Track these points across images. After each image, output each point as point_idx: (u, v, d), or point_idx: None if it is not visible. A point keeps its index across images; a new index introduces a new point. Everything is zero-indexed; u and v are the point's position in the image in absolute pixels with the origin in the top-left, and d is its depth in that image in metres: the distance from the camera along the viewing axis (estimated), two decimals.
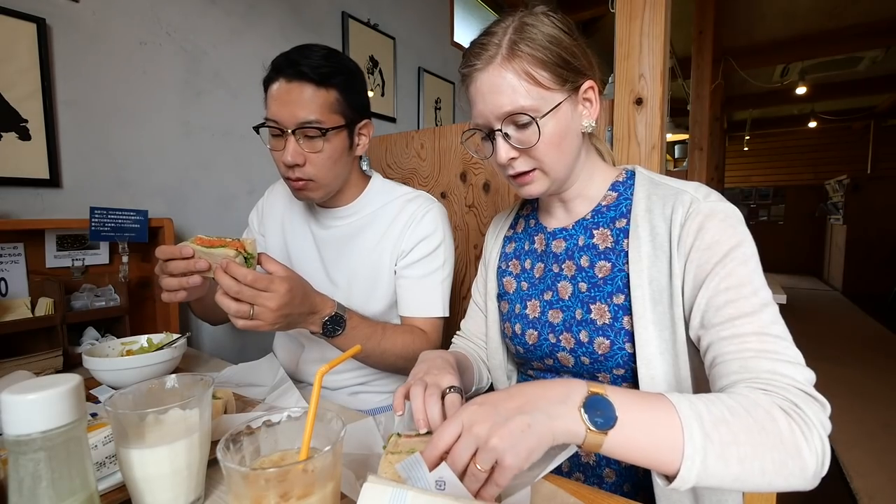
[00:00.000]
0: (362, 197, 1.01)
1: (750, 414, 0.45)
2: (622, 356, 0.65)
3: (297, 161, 0.86)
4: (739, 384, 0.51)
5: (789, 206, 8.14)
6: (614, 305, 0.66)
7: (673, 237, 0.62)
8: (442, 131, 1.42)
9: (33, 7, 1.14)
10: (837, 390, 2.95)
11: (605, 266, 0.68)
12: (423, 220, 0.97)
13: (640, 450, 0.44)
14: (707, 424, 0.44)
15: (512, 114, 0.62)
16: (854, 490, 1.94)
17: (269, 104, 0.87)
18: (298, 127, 0.84)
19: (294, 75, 0.84)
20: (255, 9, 1.68)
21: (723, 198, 0.63)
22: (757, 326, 0.53)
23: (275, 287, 0.69)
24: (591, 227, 0.72)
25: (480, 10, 3.23)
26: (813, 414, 0.47)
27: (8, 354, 0.95)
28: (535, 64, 0.61)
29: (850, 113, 7.28)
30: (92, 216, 1.09)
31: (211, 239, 0.73)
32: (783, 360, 0.51)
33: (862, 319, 4.91)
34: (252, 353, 1.62)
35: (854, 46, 4.84)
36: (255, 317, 0.69)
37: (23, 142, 1.13)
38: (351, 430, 0.66)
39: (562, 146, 0.65)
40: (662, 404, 0.45)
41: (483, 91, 0.63)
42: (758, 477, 0.44)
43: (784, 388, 0.49)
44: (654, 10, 0.97)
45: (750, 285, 0.56)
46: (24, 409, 0.36)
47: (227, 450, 0.41)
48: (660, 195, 0.66)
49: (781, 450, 0.44)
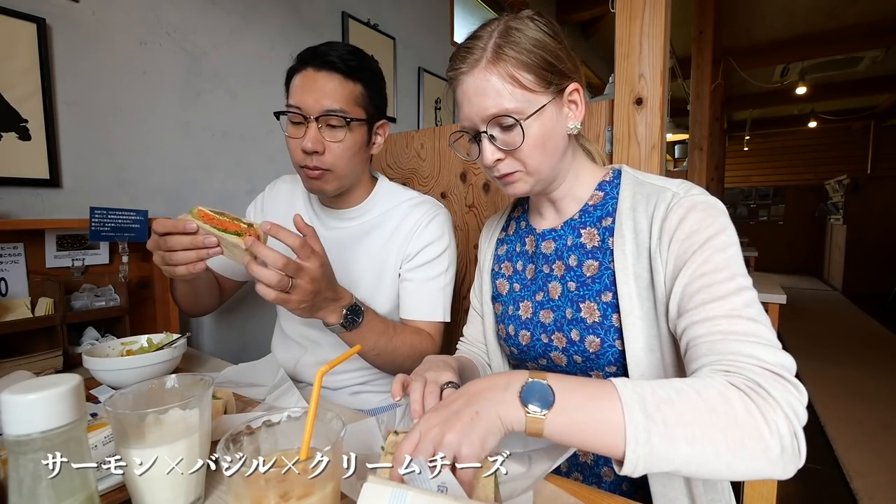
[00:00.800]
0: (369, 199, 1.01)
1: (700, 395, 0.44)
2: (613, 353, 0.65)
3: (317, 148, 0.86)
4: (704, 368, 0.50)
5: (789, 206, 8.14)
6: (603, 303, 0.67)
7: (653, 233, 0.63)
8: (442, 131, 1.42)
9: (33, 7, 1.14)
10: (837, 390, 2.95)
11: (592, 265, 0.69)
12: (429, 224, 0.97)
13: (582, 433, 0.44)
14: (650, 406, 0.43)
15: (496, 116, 0.63)
16: (854, 490, 1.94)
17: (293, 92, 0.87)
18: (323, 114, 0.85)
19: (323, 65, 0.85)
20: (255, 9, 1.68)
21: (705, 192, 0.63)
22: (728, 309, 0.52)
23: (314, 260, 0.69)
24: (578, 226, 0.72)
25: (480, 10, 3.23)
26: (778, 394, 0.44)
27: (8, 354, 0.95)
28: (520, 67, 0.62)
29: (850, 113, 7.28)
30: (92, 216, 1.09)
31: (214, 215, 0.68)
32: (752, 341, 0.49)
33: (862, 319, 4.90)
34: (252, 354, 1.62)
35: (854, 46, 4.85)
36: (293, 291, 0.68)
37: (23, 142, 1.13)
38: (351, 430, 0.66)
39: (546, 147, 0.65)
40: (605, 388, 0.46)
41: (468, 94, 0.64)
42: (713, 460, 0.42)
43: (747, 367, 0.47)
44: (654, 10, 0.97)
45: (726, 270, 0.55)
46: (24, 409, 0.36)
47: (227, 450, 0.41)
48: (644, 193, 0.67)
49: (736, 430, 0.42)
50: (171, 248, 0.68)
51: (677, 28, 4.26)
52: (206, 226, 0.67)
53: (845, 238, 6.33)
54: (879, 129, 7.45)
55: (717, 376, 0.47)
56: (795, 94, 6.15)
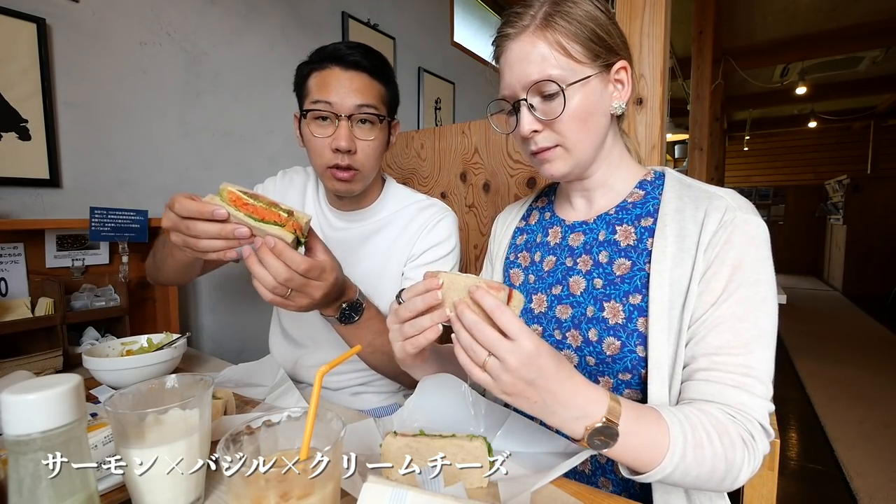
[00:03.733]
0: (378, 202, 1.00)
1: (721, 441, 0.52)
2: (632, 359, 0.62)
3: (351, 147, 0.84)
4: (712, 405, 0.56)
5: (789, 206, 8.14)
6: (630, 305, 0.63)
7: (702, 241, 0.60)
8: (442, 131, 1.42)
9: (33, 7, 1.14)
10: (837, 390, 2.95)
11: (624, 264, 0.66)
12: (436, 226, 0.97)
13: (622, 461, 0.52)
14: (689, 447, 0.51)
15: (538, 82, 0.60)
16: (854, 490, 1.94)
17: (317, 89, 0.85)
18: (356, 111, 0.84)
19: (351, 65, 0.85)
20: (256, 9, 1.68)
21: (755, 210, 0.62)
22: (746, 359, 0.56)
23: (326, 276, 0.65)
24: (613, 222, 0.69)
25: (480, 10, 3.23)
26: (762, 447, 0.54)
27: (8, 354, 0.95)
28: (569, 37, 0.60)
29: (850, 113, 7.28)
30: (92, 216, 1.09)
31: (249, 202, 0.59)
32: (757, 395, 0.55)
33: (862, 319, 4.90)
34: (252, 354, 1.62)
35: (854, 46, 4.84)
36: (292, 299, 0.65)
37: (23, 142, 1.13)
38: (351, 430, 0.66)
39: (588, 123, 0.62)
40: (661, 436, 0.51)
41: (512, 60, 0.62)
42: (691, 481, 0.52)
43: (749, 420, 0.55)
44: (654, 10, 0.97)
45: (753, 314, 0.57)
46: (24, 409, 0.36)
47: (227, 450, 0.41)
48: (692, 197, 0.64)
49: (726, 471, 0.52)
50: (196, 235, 0.60)
51: (677, 28, 4.26)
52: (240, 213, 0.59)
53: (845, 238, 6.33)
54: (879, 129, 7.45)
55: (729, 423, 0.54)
56: (795, 94, 6.14)
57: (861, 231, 6.18)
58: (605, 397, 0.50)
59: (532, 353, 0.46)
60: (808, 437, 2.48)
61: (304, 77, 0.88)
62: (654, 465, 0.50)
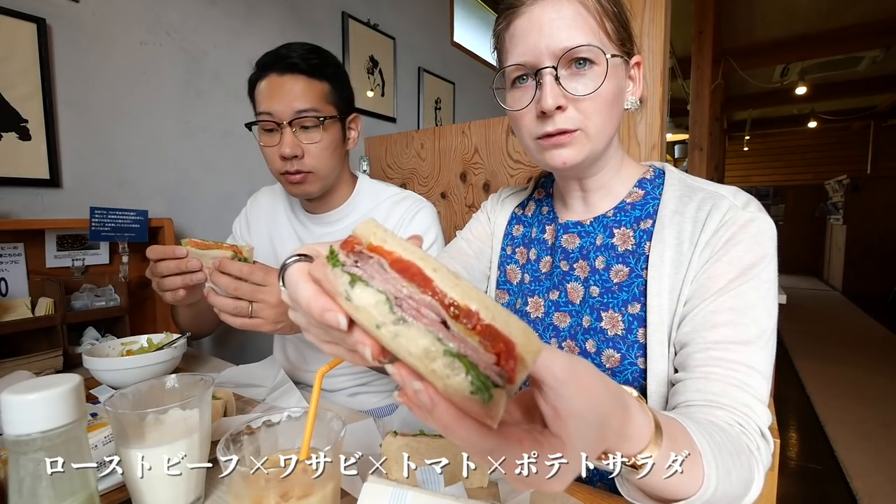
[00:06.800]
0: (351, 199, 1.00)
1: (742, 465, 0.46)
2: (632, 372, 0.59)
3: (296, 152, 0.85)
4: (715, 407, 0.50)
5: (789, 206, 8.14)
6: (629, 315, 0.60)
7: (701, 240, 0.57)
8: (442, 131, 1.42)
9: (33, 7, 1.14)
10: (837, 390, 2.95)
11: (622, 270, 0.62)
12: (413, 219, 0.97)
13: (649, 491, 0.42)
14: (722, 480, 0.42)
15: (574, 48, 0.53)
16: (854, 490, 1.94)
17: (261, 100, 0.86)
18: (296, 117, 0.84)
19: (286, 68, 0.84)
20: (255, 9, 1.68)
21: (761, 207, 0.59)
22: (747, 357, 0.52)
23: (272, 279, 0.66)
24: (611, 225, 0.65)
25: (480, 10, 3.23)
26: (766, 458, 0.49)
27: (8, 354, 0.95)
28: (605, 12, 0.56)
29: (850, 113, 7.28)
30: (92, 216, 1.09)
31: (206, 242, 0.71)
32: (758, 398, 0.52)
33: (862, 319, 4.90)
34: (252, 355, 1.62)
35: (854, 46, 4.84)
36: (255, 314, 0.66)
37: (23, 142, 1.13)
38: (351, 430, 0.66)
39: (613, 109, 0.58)
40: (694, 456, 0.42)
41: (541, 22, 0.54)
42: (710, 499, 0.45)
43: (754, 429, 0.50)
44: (654, 10, 0.97)
45: (753, 311, 0.53)
46: (24, 409, 0.36)
47: (227, 450, 0.41)
48: (693, 198, 0.61)
49: (743, 492, 0.46)
50: (160, 273, 0.70)
51: (677, 28, 4.26)
52: (194, 249, 0.70)
53: (845, 238, 6.33)
54: (879, 129, 7.45)
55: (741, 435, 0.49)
56: (795, 94, 6.14)
57: (861, 231, 6.18)
58: None
59: None
60: (808, 437, 2.48)
61: (252, 87, 0.89)
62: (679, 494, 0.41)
